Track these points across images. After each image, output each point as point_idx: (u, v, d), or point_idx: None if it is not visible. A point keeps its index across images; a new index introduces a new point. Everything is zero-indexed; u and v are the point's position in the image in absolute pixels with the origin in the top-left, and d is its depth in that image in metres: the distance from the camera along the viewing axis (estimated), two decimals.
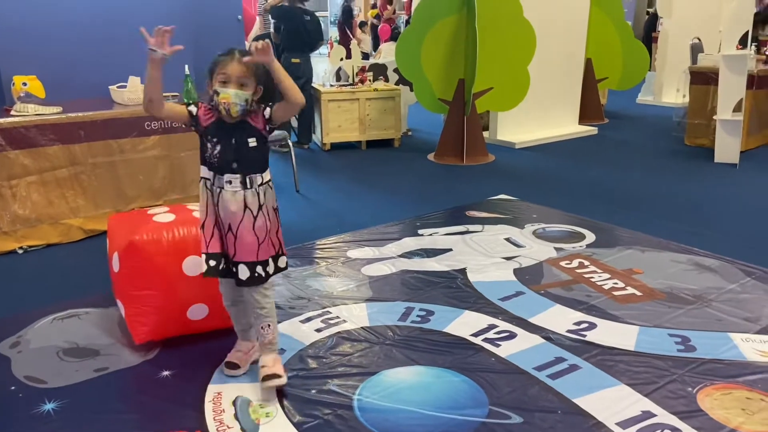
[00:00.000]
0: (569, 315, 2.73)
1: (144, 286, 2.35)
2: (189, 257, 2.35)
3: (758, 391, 2.18)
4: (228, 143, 2.07)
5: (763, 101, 5.87)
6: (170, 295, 2.37)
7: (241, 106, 2.01)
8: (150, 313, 2.39)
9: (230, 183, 2.07)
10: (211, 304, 2.45)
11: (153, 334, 2.43)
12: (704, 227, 3.86)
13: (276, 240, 2.19)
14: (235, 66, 2.00)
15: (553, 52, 6.22)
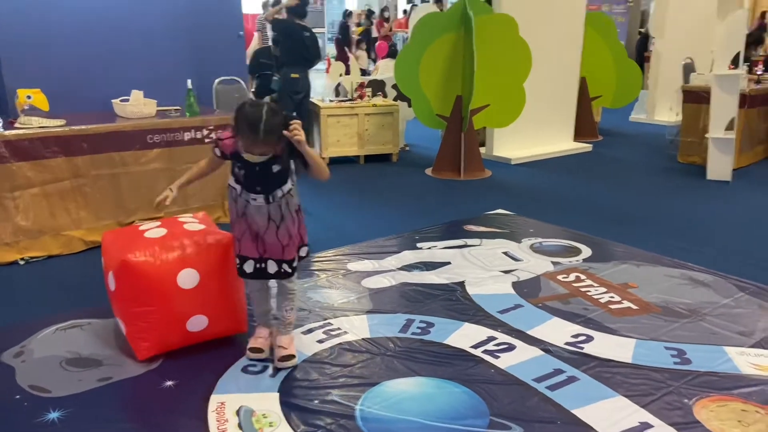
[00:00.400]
0: (567, 328, 2.77)
1: (141, 303, 2.37)
2: (183, 270, 2.38)
3: (753, 404, 2.22)
4: (252, 171, 2.24)
5: (755, 120, 5.98)
6: (168, 310, 2.38)
7: (264, 159, 2.22)
8: (150, 329, 2.40)
9: (255, 200, 2.28)
10: (210, 315, 2.47)
11: (154, 349, 2.45)
12: (697, 243, 3.92)
13: (298, 236, 2.41)
14: (260, 148, 2.15)
15: (548, 70, 6.32)
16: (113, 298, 2.50)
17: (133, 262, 2.32)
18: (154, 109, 4.03)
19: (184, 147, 3.95)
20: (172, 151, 3.93)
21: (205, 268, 2.41)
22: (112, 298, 2.52)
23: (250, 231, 2.33)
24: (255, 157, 2.20)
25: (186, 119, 3.99)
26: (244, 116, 2.11)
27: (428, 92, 5.61)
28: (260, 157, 2.20)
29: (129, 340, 2.46)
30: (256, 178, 2.25)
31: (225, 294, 2.49)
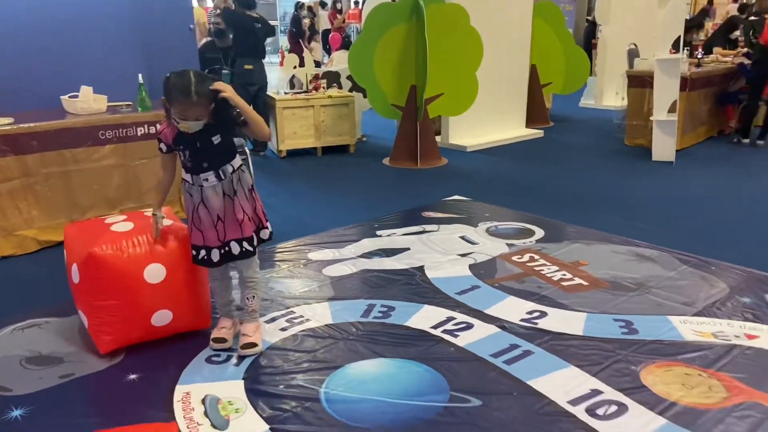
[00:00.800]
0: (522, 305, 2.88)
1: (106, 296, 2.36)
2: (150, 265, 2.39)
3: (696, 367, 2.37)
4: (194, 147, 2.28)
5: (696, 102, 6.24)
6: (133, 304, 2.39)
7: (199, 126, 2.25)
8: (113, 322, 2.40)
9: (207, 180, 2.30)
10: (174, 310, 2.48)
11: (117, 342, 2.45)
12: (643, 221, 4.10)
13: (256, 216, 2.45)
14: (193, 110, 2.18)
15: (499, 59, 6.45)
16: (76, 290, 2.48)
17: (99, 254, 2.31)
18: (104, 104, 3.97)
19: (138, 142, 3.91)
20: (126, 146, 3.88)
21: (172, 263, 2.42)
22: (75, 290, 2.51)
23: (210, 219, 2.34)
24: (191, 126, 2.20)
25: (138, 114, 3.94)
26: (172, 84, 2.15)
27: (383, 83, 5.67)
28: (196, 123, 2.20)
29: (91, 333, 2.46)
30: (201, 155, 2.27)
31: (190, 289, 2.51)
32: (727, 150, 6.23)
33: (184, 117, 2.19)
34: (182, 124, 2.22)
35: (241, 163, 2.37)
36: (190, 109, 2.17)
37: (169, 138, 2.30)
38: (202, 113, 2.20)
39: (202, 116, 2.21)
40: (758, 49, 6.00)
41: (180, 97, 2.15)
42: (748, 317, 2.74)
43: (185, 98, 2.14)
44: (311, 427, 2.03)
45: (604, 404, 2.14)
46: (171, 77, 2.18)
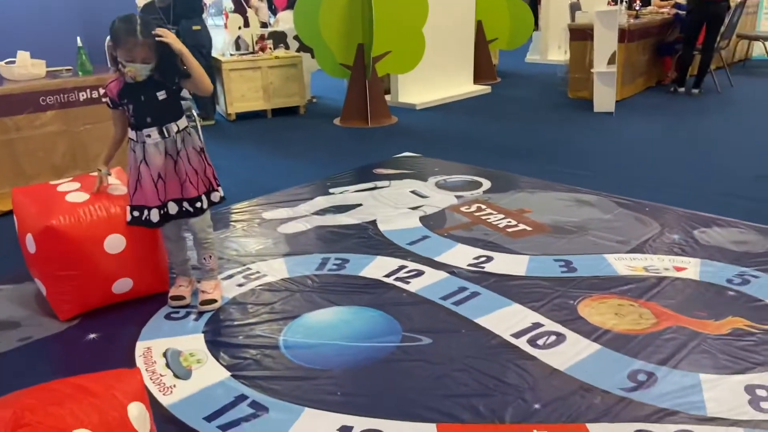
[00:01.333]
0: (470, 252, 3.03)
1: (65, 267, 2.38)
2: (110, 236, 2.40)
3: (628, 299, 2.56)
4: (138, 101, 2.31)
5: (635, 53, 6.45)
6: (93, 274, 2.42)
7: (146, 72, 2.26)
8: (73, 291, 2.43)
9: (149, 137, 2.32)
10: (135, 277, 2.52)
11: (77, 309, 2.48)
12: (585, 168, 4.29)
13: (206, 179, 2.47)
14: (139, 51, 2.19)
15: (445, 15, 6.49)
16: (32, 259, 2.48)
17: (58, 227, 2.31)
18: (43, 70, 3.86)
19: (81, 107, 3.83)
20: (68, 112, 3.80)
21: (131, 232, 2.44)
22: (30, 259, 2.51)
23: (149, 176, 2.36)
24: (138, 70, 2.21)
25: (80, 78, 3.85)
26: (117, 27, 2.17)
27: (330, 42, 5.65)
28: (143, 66, 2.21)
29: (50, 301, 2.48)
30: (144, 109, 2.30)
31: (150, 256, 2.55)
32: (664, 99, 6.49)
33: (131, 59, 2.19)
34: (129, 68, 2.21)
35: (186, 124, 2.39)
36: (136, 49, 2.17)
37: (114, 92, 2.31)
38: (148, 55, 2.21)
39: (148, 58, 2.22)
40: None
41: (126, 37, 2.16)
42: (676, 252, 2.95)
43: (131, 37, 2.15)
44: (271, 371, 2.14)
45: (544, 335, 2.31)
46: (116, 21, 2.19)
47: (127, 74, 2.25)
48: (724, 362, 2.11)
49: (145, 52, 2.20)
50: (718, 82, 6.69)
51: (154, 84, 2.29)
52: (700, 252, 2.93)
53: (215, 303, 2.55)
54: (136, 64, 2.21)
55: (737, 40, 7.73)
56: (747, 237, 3.06)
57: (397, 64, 5.97)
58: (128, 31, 2.15)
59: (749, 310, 2.42)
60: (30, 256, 2.49)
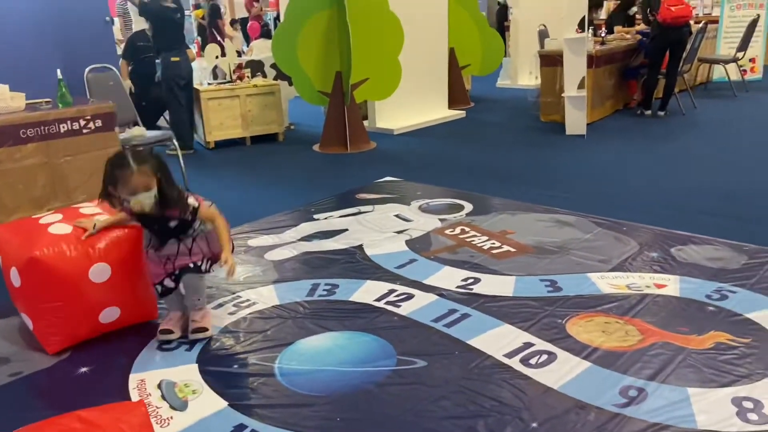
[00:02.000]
0: (457, 274, 3.08)
1: (51, 299, 2.35)
2: (95, 265, 2.39)
3: (613, 316, 2.63)
4: (154, 230, 2.45)
5: (602, 78, 6.68)
6: (80, 304, 2.39)
7: (151, 200, 2.31)
8: (60, 323, 2.40)
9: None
10: (122, 306, 2.51)
11: (65, 342, 2.45)
12: (561, 190, 4.41)
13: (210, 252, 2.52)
14: (137, 178, 2.25)
15: (419, 43, 6.64)
16: (17, 294, 2.45)
17: (42, 258, 2.29)
18: (23, 102, 3.83)
19: (62, 139, 3.80)
20: (49, 144, 3.76)
21: (116, 260, 2.43)
22: (15, 293, 2.47)
23: (158, 258, 2.47)
24: (144, 200, 2.28)
25: (60, 110, 3.83)
26: (111, 169, 2.27)
27: (308, 70, 5.73)
28: (147, 195, 2.28)
29: (37, 336, 2.44)
30: (161, 235, 2.44)
31: (137, 284, 2.53)
32: (632, 121, 6.71)
33: (133, 192, 2.26)
34: (134, 201, 2.28)
35: (198, 224, 2.46)
36: (132, 179, 2.24)
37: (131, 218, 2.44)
38: (146, 181, 2.27)
39: (149, 185, 2.28)
40: (655, 25, 6.47)
41: (121, 172, 2.24)
42: (656, 269, 3.05)
43: (126, 170, 2.24)
44: (269, 399, 2.14)
45: (536, 354, 2.36)
46: (107, 164, 2.29)
47: (134, 209, 2.33)
48: (710, 376, 2.18)
49: (142, 180, 2.26)
50: (682, 105, 6.95)
51: (163, 217, 2.39)
52: (678, 269, 3.03)
53: (207, 331, 2.54)
54: (139, 195, 2.27)
55: (699, 64, 8.05)
56: (722, 254, 3.18)
57: (374, 90, 6.08)
58: (121, 165, 2.24)
59: (730, 324, 2.51)
60: (15, 290, 2.46)
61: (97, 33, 4.65)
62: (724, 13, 8.88)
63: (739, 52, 8.06)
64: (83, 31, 4.49)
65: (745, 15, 8.58)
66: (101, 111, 3.97)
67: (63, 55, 4.28)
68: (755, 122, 6.42)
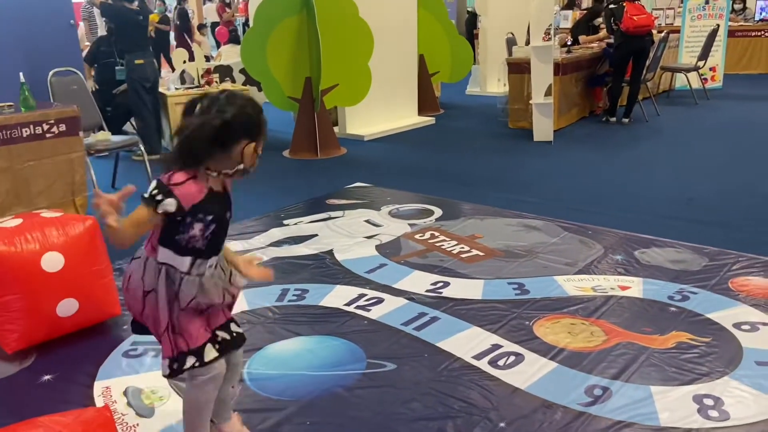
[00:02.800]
0: (426, 278, 3.10)
1: (3, 292, 2.31)
2: (47, 253, 2.36)
3: (579, 317, 2.69)
4: (223, 219, 1.62)
5: (569, 85, 6.81)
6: (34, 296, 2.35)
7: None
8: (16, 318, 2.35)
9: (212, 267, 1.64)
10: (80, 298, 2.46)
11: (24, 340, 2.39)
12: (529, 195, 4.48)
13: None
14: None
15: (389, 49, 6.67)
16: None
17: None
18: None
19: (24, 143, 3.71)
20: (11, 149, 3.67)
21: (69, 250, 2.40)
22: None
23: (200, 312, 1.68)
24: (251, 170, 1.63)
25: (23, 114, 3.74)
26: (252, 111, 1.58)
27: (278, 75, 5.71)
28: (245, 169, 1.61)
29: None
30: (224, 230, 1.64)
31: (92, 275, 2.49)
32: (597, 128, 6.85)
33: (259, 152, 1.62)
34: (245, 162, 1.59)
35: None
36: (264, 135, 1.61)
37: (195, 199, 1.54)
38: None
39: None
40: (619, 34, 6.63)
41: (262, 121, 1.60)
42: (620, 272, 3.12)
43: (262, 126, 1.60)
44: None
45: (504, 356, 2.39)
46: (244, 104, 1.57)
47: (227, 176, 1.60)
48: (672, 374, 2.24)
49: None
50: (645, 112, 7.12)
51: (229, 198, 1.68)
52: (641, 271, 3.10)
53: None
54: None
55: (661, 72, 8.27)
56: (683, 256, 3.27)
57: (344, 96, 6.09)
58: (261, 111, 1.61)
59: (691, 324, 2.58)
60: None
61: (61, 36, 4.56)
62: (686, 23, 9.15)
63: (700, 61, 8.30)
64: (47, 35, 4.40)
65: (705, 25, 8.86)
66: (65, 115, 3.90)
67: (26, 59, 4.19)
68: (716, 129, 6.62)
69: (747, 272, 3.04)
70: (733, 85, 9.35)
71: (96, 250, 2.48)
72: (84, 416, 1.44)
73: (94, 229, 2.46)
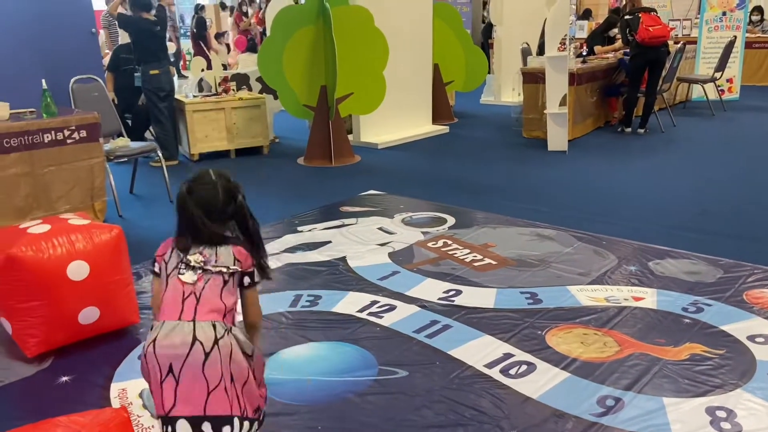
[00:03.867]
0: (439, 286, 3.11)
1: (28, 298, 2.35)
2: (73, 262, 2.39)
3: (592, 328, 2.68)
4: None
5: (583, 95, 6.80)
6: (58, 303, 2.39)
7: None
8: (39, 324, 2.39)
9: None
10: (102, 307, 2.50)
11: (45, 344, 2.44)
12: (543, 204, 4.47)
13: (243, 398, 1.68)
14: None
15: (404, 59, 6.72)
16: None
17: (19, 255, 2.30)
18: (6, 112, 3.82)
19: (45, 149, 3.80)
20: (32, 154, 3.76)
21: (94, 259, 2.44)
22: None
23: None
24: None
25: (44, 120, 3.83)
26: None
27: (294, 84, 5.77)
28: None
29: (15, 339, 2.42)
30: None
31: (116, 285, 2.53)
32: (612, 138, 6.83)
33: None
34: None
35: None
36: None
37: None
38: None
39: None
40: (634, 45, 6.62)
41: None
42: (634, 282, 3.11)
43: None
44: None
45: (515, 365, 2.39)
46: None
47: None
48: (685, 386, 2.23)
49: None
50: (661, 123, 7.09)
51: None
52: (655, 282, 3.09)
53: None
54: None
55: (678, 83, 8.23)
56: (698, 267, 3.25)
57: (359, 105, 6.13)
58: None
59: (705, 336, 2.57)
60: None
61: (83, 45, 4.66)
62: (702, 34, 9.10)
63: (717, 72, 8.25)
64: (69, 43, 4.49)
65: (723, 36, 8.81)
66: (86, 121, 3.98)
67: (48, 66, 4.28)
68: (732, 141, 6.58)
69: (762, 285, 3.01)
70: (750, 96, 9.27)
71: (119, 259, 2.52)
72: (102, 416, 1.47)
73: (119, 238, 2.51)
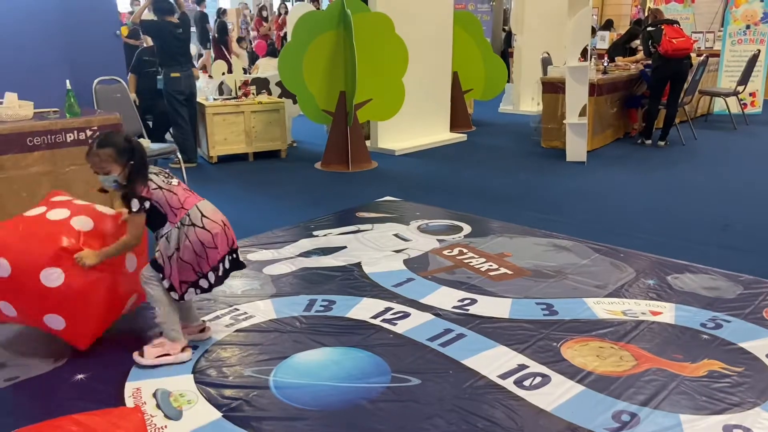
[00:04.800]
0: (454, 294, 3.10)
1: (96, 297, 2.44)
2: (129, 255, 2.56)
3: (608, 341, 2.65)
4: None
5: (604, 106, 6.75)
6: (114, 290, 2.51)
7: (110, 185, 2.42)
8: (95, 318, 2.47)
9: None
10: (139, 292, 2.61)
11: (95, 336, 2.53)
12: (560, 215, 4.44)
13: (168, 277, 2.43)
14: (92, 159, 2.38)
15: (423, 66, 6.73)
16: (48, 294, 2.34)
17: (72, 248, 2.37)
18: (31, 111, 3.88)
19: (68, 148, 3.83)
20: (55, 153, 3.80)
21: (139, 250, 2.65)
22: (44, 295, 2.34)
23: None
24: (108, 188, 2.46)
25: (67, 120, 3.87)
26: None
27: (313, 89, 5.80)
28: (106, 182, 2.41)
29: (65, 336, 2.44)
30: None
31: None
32: (632, 150, 6.77)
33: (93, 170, 2.40)
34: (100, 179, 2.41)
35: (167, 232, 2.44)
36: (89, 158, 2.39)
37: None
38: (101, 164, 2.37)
39: (105, 169, 2.37)
40: (656, 57, 6.57)
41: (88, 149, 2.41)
42: (652, 296, 3.07)
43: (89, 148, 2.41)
44: (263, 411, 2.15)
45: (530, 376, 2.37)
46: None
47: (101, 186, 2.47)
48: (702, 403, 2.19)
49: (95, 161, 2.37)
50: (682, 135, 7.02)
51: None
52: (674, 297, 3.05)
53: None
54: (100, 176, 2.40)
55: (700, 96, 8.15)
56: (718, 283, 3.21)
57: (377, 111, 6.15)
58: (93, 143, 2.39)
59: (723, 353, 2.53)
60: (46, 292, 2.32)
61: (107, 45, 4.72)
62: (726, 48, 9.01)
63: (739, 85, 8.16)
64: (93, 44, 4.56)
65: (746, 50, 8.71)
66: (108, 122, 4.02)
67: (73, 67, 4.35)
68: (754, 155, 6.49)
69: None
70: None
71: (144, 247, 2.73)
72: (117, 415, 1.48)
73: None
